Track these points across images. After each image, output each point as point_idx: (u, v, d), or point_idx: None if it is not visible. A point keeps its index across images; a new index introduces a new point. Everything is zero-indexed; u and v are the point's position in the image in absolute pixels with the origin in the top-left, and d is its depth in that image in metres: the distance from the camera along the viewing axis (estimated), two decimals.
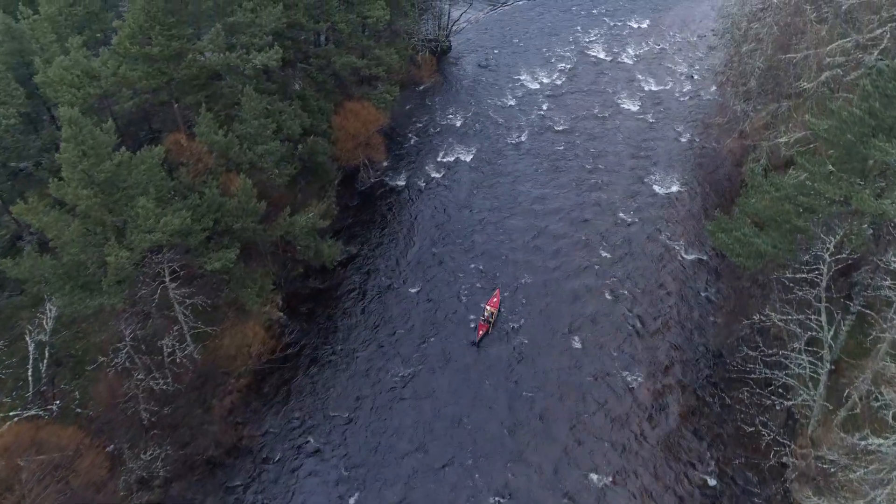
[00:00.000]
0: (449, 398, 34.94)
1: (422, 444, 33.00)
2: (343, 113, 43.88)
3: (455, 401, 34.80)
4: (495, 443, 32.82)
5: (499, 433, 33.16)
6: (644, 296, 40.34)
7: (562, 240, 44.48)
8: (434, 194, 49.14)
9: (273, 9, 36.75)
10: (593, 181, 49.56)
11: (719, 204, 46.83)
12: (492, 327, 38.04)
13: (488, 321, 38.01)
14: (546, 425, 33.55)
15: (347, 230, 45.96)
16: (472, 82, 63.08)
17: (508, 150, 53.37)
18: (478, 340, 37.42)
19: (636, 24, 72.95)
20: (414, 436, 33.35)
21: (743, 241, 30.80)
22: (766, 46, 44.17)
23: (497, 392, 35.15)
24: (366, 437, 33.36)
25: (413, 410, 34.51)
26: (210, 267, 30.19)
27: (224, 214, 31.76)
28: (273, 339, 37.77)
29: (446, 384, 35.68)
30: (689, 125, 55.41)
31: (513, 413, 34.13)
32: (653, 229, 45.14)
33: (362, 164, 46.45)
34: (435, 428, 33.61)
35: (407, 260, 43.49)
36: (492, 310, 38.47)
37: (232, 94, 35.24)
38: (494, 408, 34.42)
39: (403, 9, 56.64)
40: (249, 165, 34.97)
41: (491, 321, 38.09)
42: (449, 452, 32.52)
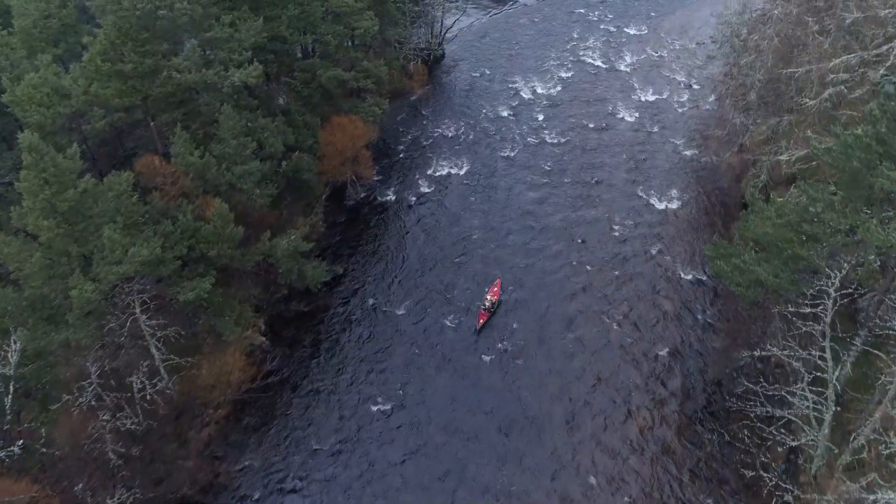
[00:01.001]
0: (438, 430, 33.46)
1: (410, 480, 31.53)
2: (329, 128, 42.41)
3: (445, 433, 33.33)
4: (487, 482, 31.38)
5: (492, 480, 31.58)
6: (641, 319, 38.85)
7: (556, 259, 42.98)
8: (424, 210, 47.66)
9: (253, 23, 35.27)
10: (589, 196, 48.09)
11: (718, 220, 45.49)
12: (492, 315, 38.74)
13: (489, 310, 38.70)
14: (536, 461, 32.07)
15: (334, 248, 44.51)
16: (465, 91, 61.61)
17: (501, 163, 51.90)
18: (478, 328, 37.99)
19: (634, 30, 71.49)
20: (402, 472, 31.87)
21: (742, 269, 29.35)
22: (766, 58, 42.72)
23: (487, 421, 33.70)
24: (351, 473, 31.87)
25: (401, 443, 33.03)
26: (183, 298, 28.74)
27: (199, 241, 30.29)
28: (254, 366, 36.32)
29: (435, 414, 34.21)
30: (688, 137, 53.93)
31: (504, 444, 32.69)
32: (649, 248, 43.66)
33: (349, 180, 45.00)
34: (425, 464, 32.14)
35: (395, 280, 42.00)
36: (492, 298, 39.17)
37: (210, 111, 33.76)
38: (485, 441, 32.96)
39: (394, 17, 55.18)
40: (228, 187, 33.51)
41: (492, 310, 38.79)
42: (441, 490, 31.07)
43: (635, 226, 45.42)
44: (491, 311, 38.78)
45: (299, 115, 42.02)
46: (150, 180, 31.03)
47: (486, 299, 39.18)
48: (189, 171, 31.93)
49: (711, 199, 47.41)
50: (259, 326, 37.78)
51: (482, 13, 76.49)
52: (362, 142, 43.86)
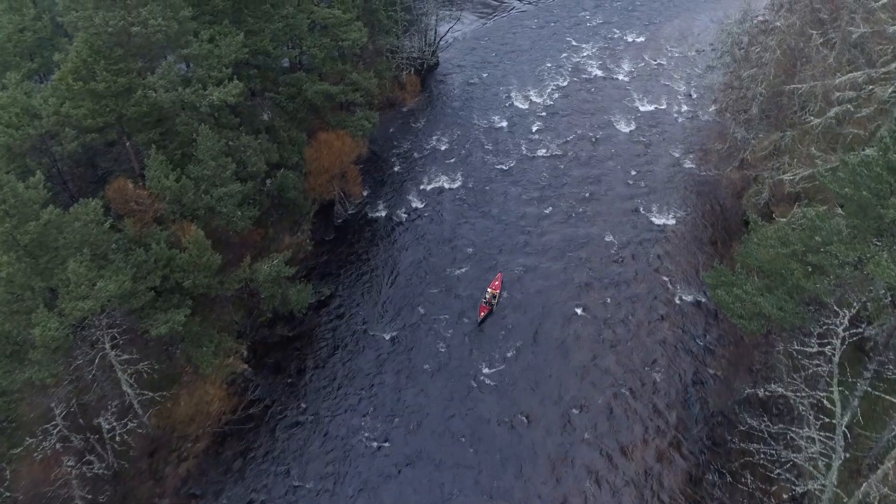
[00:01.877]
0: (429, 466, 31.98)
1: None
2: (316, 144, 40.96)
3: (436, 469, 31.85)
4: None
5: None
6: (638, 344, 37.37)
7: (550, 279, 41.51)
8: (416, 227, 46.20)
9: (233, 38, 33.79)
10: (585, 212, 46.61)
11: (719, 238, 44.02)
12: (493, 309, 38.82)
13: (490, 303, 38.87)
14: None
15: (322, 268, 43.04)
16: (459, 101, 60.15)
17: (496, 177, 50.43)
18: (479, 321, 38.11)
19: (632, 37, 70.08)
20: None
21: (744, 300, 27.89)
22: (768, 71, 41.26)
23: (474, 451, 32.24)
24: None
25: (391, 479, 31.55)
26: (155, 332, 27.26)
27: (173, 270, 28.82)
28: (236, 395, 34.88)
29: (427, 446, 32.73)
30: (687, 149, 52.48)
31: (494, 483, 31.22)
32: (647, 267, 42.20)
33: (337, 197, 43.50)
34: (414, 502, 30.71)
35: (385, 302, 40.53)
36: (493, 292, 39.38)
37: (188, 131, 32.28)
38: (477, 482, 31.50)
39: (385, 27, 53.74)
40: (207, 210, 32.02)
41: (493, 303, 38.92)
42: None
43: (633, 243, 43.94)
44: (492, 305, 38.90)
45: (284, 131, 40.56)
46: (123, 206, 29.54)
47: (487, 292, 39.40)
48: (164, 195, 30.44)
49: (711, 215, 45.96)
50: (241, 353, 36.34)
51: (478, 19, 75.11)
52: (350, 158, 42.42)
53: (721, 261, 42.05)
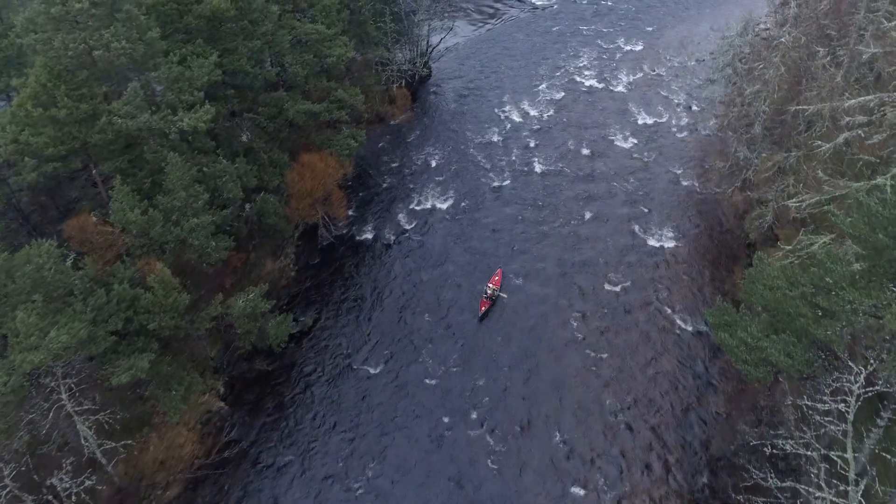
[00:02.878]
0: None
1: None
2: (298, 167, 39.04)
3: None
4: None
5: None
6: (636, 380, 35.46)
7: (544, 306, 39.57)
8: (405, 250, 44.28)
9: (206, 59, 31.86)
10: (581, 234, 44.68)
11: (721, 263, 42.08)
12: (494, 304, 39.16)
13: (491, 298, 39.16)
14: None
15: (305, 294, 41.13)
16: (452, 114, 58.27)
17: (489, 196, 48.52)
18: (480, 316, 38.40)
19: (630, 46, 68.26)
20: None
21: (749, 343, 25.96)
22: (772, 88, 39.35)
23: (463, 499, 30.38)
24: None
25: None
26: (116, 381, 25.34)
27: (137, 312, 26.89)
28: (210, 436, 32.97)
29: (411, 493, 30.83)
30: (687, 166, 50.58)
31: None
32: (646, 294, 40.27)
33: (321, 221, 41.56)
34: None
35: (370, 332, 38.59)
36: (494, 287, 39.58)
37: (157, 159, 30.36)
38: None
39: (374, 38, 51.84)
40: (177, 243, 30.09)
41: (493, 298, 39.25)
42: None
43: (631, 268, 42.01)
44: (492, 300, 39.23)
45: (265, 153, 38.67)
46: (84, 244, 27.63)
47: (488, 287, 39.64)
48: (130, 228, 28.51)
49: (713, 236, 44.04)
50: (217, 390, 34.45)
51: (473, 27, 73.32)
52: (335, 180, 40.54)
53: (723, 285, 40.51)
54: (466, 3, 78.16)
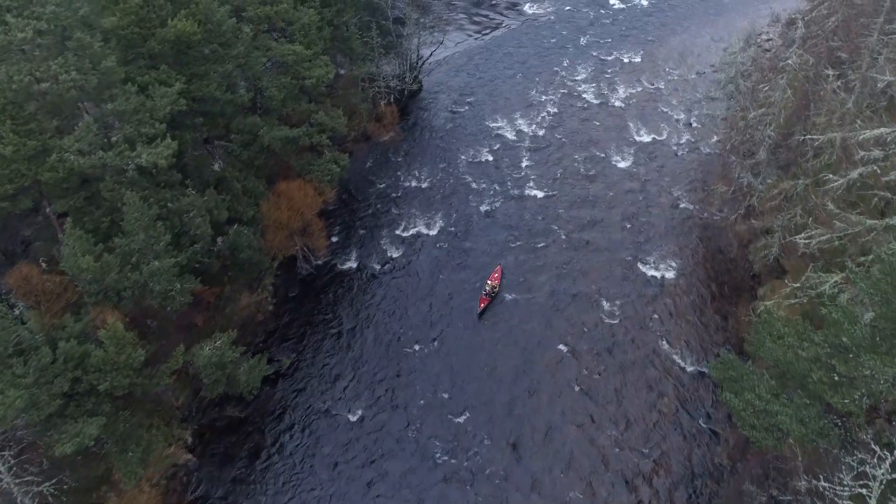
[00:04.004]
0: None
1: None
2: (274, 198, 36.73)
3: None
4: None
5: None
6: (634, 426, 33.14)
7: (537, 344, 37.26)
8: (390, 281, 41.95)
9: (170, 87, 29.53)
10: (576, 264, 42.32)
11: (724, 296, 39.75)
12: (493, 301, 39.18)
13: (490, 295, 39.23)
14: None
15: (283, 331, 38.81)
16: (443, 131, 55.90)
17: (479, 221, 46.15)
18: (479, 312, 38.47)
19: (628, 58, 65.77)
20: None
21: (758, 406, 23.65)
22: (778, 112, 37.05)
23: None
24: None
25: None
26: (60, 450, 23.01)
27: (87, 371, 24.57)
28: (175, 493, 30.67)
29: None
30: (688, 189, 48.20)
31: None
32: (644, 330, 37.95)
33: (299, 253, 39.21)
34: None
35: (351, 374, 36.27)
36: (493, 283, 39.69)
37: (114, 197, 28.04)
38: None
39: (360, 54, 49.48)
40: (137, 289, 27.74)
41: (493, 294, 39.33)
42: None
43: (628, 301, 39.68)
44: (492, 296, 39.20)
45: (239, 182, 36.35)
46: (28, 296, 25.32)
47: (487, 284, 39.71)
48: (82, 276, 26.18)
49: (716, 268, 41.68)
50: (185, 440, 32.14)
51: (466, 37, 70.80)
52: (314, 209, 38.19)
53: (726, 321, 38.21)
54: (459, 13, 75.80)
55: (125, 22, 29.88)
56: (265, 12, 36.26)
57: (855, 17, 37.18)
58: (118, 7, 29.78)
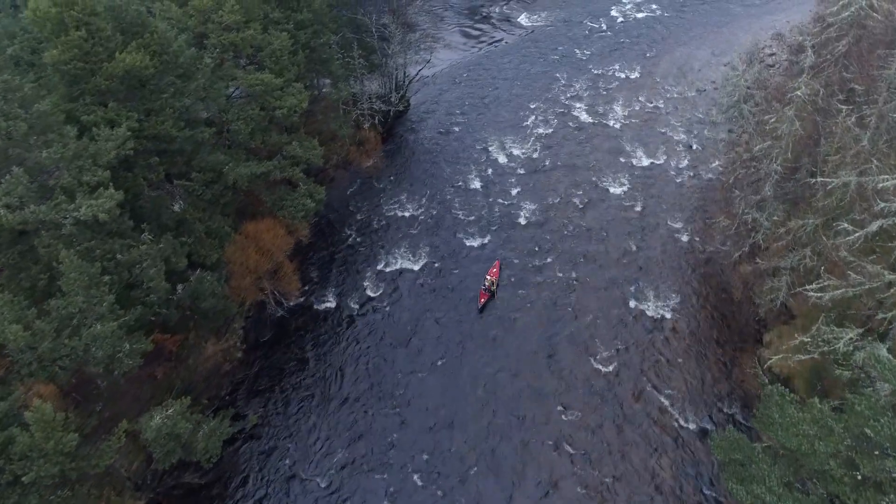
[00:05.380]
0: None
1: None
2: (240, 240, 33.94)
3: None
4: None
5: None
6: (630, 489, 30.33)
7: (524, 396, 34.46)
8: (369, 324, 39.12)
9: (118, 129, 26.74)
10: (568, 304, 39.51)
11: (727, 342, 36.95)
12: (493, 296, 39.49)
13: (489, 290, 39.47)
14: None
15: (252, 381, 35.99)
16: (430, 155, 53.13)
17: (466, 255, 43.33)
18: (480, 307, 38.76)
19: (625, 73, 63.05)
20: None
21: (768, 501, 20.84)
22: (785, 146, 34.21)
23: None
24: None
25: None
26: None
27: (10, 460, 21.77)
28: None
29: None
30: (688, 219, 45.40)
31: None
32: (641, 380, 35.13)
33: (270, 297, 36.39)
34: None
35: (323, 432, 33.41)
36: (492, 279, 39.92)
37: (51, 254, 25.26)
38: None
39: (341, 76, 46.68)
40: (76, 357, 24.94)
41: (492, 290, 39.58)
42: None
43: (624, 346, 36.88)
44: (491, 291, 39.49)
45: (202, 223, 33.53)
46: None
47: (486, 279, 39.95)
48: (12, 346, 23.39)
49: (718, 308, 38.88)
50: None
51: (457, 52, 68.06)
52: (285, 251, 35.38)
53: (730, 371, 35.40)
54: (452, 26, 73.08)
55: (68, 56, 27.11)
56: (230, 39, 33.46)
57: (867, 41, 34.41)
58: (60, 40, 27.00)
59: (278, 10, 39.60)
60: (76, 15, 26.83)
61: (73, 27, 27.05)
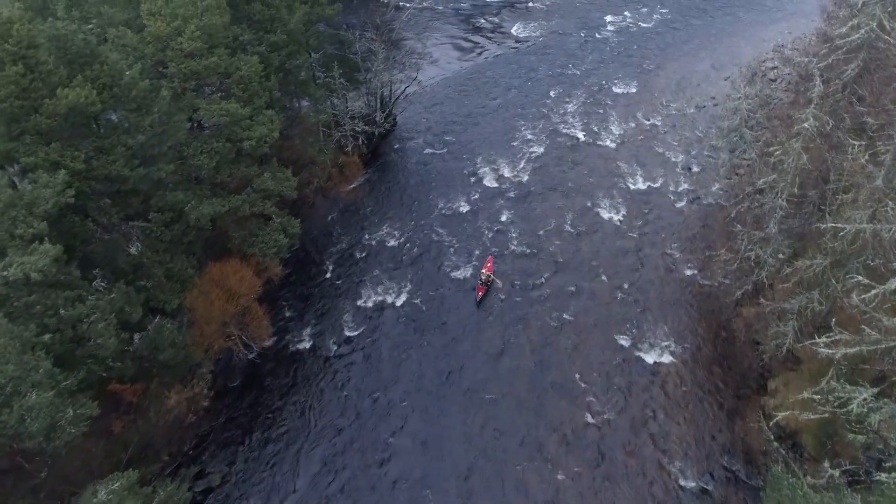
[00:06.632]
0: None
1: None
2: (203, 284, 31.44)
3: None
4: None
5: None
6: None
7: (510, 451, 31.96)
8: (347, 366, 36.64)
9: (55, 176, 24.26)
10: (558, 345, 37.02)
11: (730, 387, 34.51)
12: (490, 289, 39.80)
13: (486, 284, 39.71)
14: None
15: (218, 433, 33.48)
16: (416, 178, 50.67)
17: (451, 290, 40.81)
18: (478, 301, 39.11)
19: (622, 88, 60.65)
20: None
21: None
22: (792, 180, 31.77)
23: None
24: None
25: None
26: None
27: None
28: None
29: None
30: (687, 249, 42.91)
31: None
32: (636, 432, 32.61)
33: (238, 342, 33.88)
34: None
35: (296, 489, 30.96)
36: (488, 273, 40.14)
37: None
38: None
39: (320, 97, 44.21)
40: (7, 432, 22.47)
41: (488, 283, 39.84)
42: None
43: (618, 394, 34.37)
44: (488, 285, 39.72)
45: (162, 266, 31.05)
46: None
47: (482, 273, 40.17)
48: None
49: (718, 351, 36.36)
50: None
51: (448, 66, 65.61)
52: (254, 292, 32.91)
53: (733, 424, 32.94)
54: (443, 37, 70.64)
55: (3, 94, 24.62)
56: (191, 67, 30.96)
57: (880, 69, 31.96)
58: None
59: (249, 31, 37.13)
60: (11, 48, 24.35)
61: (8, 62, 24.56)
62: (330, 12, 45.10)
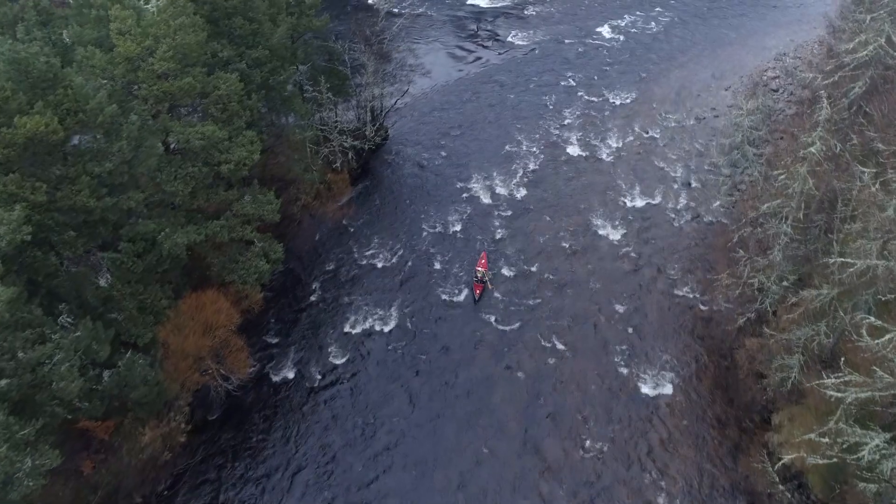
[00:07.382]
0: None
1: None
2: (176, 317, 29.84)
3: None
4: None
5: None
6: None
7: (501, 486, 30.39)
8: (333, 397, 35.06)
9: (10, 212, 22.69)
10: (551, 373, 35.42)
11: (731, 421, 32.96)
12: (486, 286, 39.88)
13: (482, 281, 39.76)
14: None
15: (195, 472, 31.89)
16: (407, 194, 49.07)
17: (441, 315, 39.21)
18: (476, 299, 39.23)
19: (620, 99, 59.02)
20: None
21: None
22: (797, 206, 30.21)
23: None
24: None
25: None
26: None
27: None
28: None
29: None
30: (687, 270, 41.32)
31: None
32: (634, 469, 31.04)
33: (216, 376, 32.26)
34: None
35: None
36: (483, 270, 40.07)
37: None
38: None
39: (306, 113, 42.57)
40: None
41: (485, 280, 39.86)
42: None
43: (615, 427, 32.80)
44: (483, 282, 39.82)
45: (134, 298, 29.44)
46: None
47: (477, 271, 40.09)
48: None
49: (720, 382, 34.77)
50: None
51: (441, 75, 63.79)
52: (228, 328, 31.28)
53: (734, 460, 31.35)
54: (437, 45, 68.97)
55: None
56: (164, 89, 29.39)
57: (889, 86, 30.44)
58: None
59: (230, 47, 35.53)
60: None
61: None
62: (317, 24, 43.55)
